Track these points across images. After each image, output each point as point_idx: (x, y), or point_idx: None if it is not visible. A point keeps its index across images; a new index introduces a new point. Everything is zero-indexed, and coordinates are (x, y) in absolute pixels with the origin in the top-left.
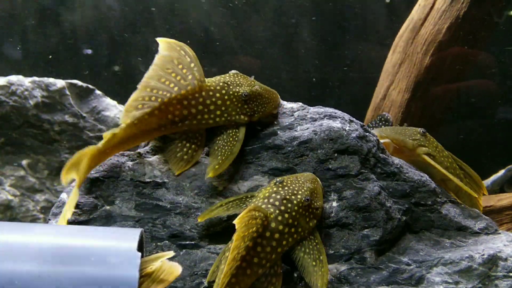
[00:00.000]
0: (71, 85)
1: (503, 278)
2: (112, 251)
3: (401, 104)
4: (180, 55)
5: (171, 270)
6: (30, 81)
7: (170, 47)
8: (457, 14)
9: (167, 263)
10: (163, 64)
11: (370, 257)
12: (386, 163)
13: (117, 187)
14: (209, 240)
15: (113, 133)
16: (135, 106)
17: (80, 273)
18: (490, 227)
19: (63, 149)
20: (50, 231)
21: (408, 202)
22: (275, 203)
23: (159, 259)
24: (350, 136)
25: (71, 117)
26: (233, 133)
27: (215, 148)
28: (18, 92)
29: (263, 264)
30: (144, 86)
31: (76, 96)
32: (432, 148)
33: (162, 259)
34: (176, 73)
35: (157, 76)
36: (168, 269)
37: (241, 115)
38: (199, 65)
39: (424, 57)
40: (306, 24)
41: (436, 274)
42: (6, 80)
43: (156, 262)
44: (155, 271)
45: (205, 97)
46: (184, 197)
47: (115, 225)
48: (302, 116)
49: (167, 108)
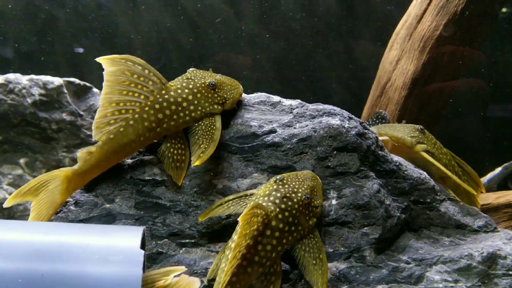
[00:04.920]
0: (69, 83)
1: (502, 276)
2: (116, 249)
3: (398, 101)
4: (128, 67)
5: (189, 286)
6: (27, 79)
7: (114, 62)
8: (455, 10)
9: (186, 278)
10: (115, 79)
11: (369, 255)
12: (385, 161)
13: (117, 185)
14: (209, 239)
15: (89, 151)
16: (106, 122)
17: (84, 271)
18: (489, 225)
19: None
20: (53, 229)
21: (407, 200)
22: (276, 201)
23: (171, 273)
24: (349, 134)
25: (68, 115)
26: (210, 122)
27: (196, 137)
28: (16, 90)
29: (264, 262)
30: (108, 102)
31: (74, 94)
32: (431, 145)
33: (174, 274)
34: (134, 83)
35: (116, 91)
36: (187, 284)
37: (214, 105)
38: (154, 70)
39: (421, 54)
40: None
41: (436, 273)
42: (4, 78)
43: (168, 277)
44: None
45: (175, 96)
46: (184, 195)
47: (115, 223)
48: (301, 114)
49: (141, 116)
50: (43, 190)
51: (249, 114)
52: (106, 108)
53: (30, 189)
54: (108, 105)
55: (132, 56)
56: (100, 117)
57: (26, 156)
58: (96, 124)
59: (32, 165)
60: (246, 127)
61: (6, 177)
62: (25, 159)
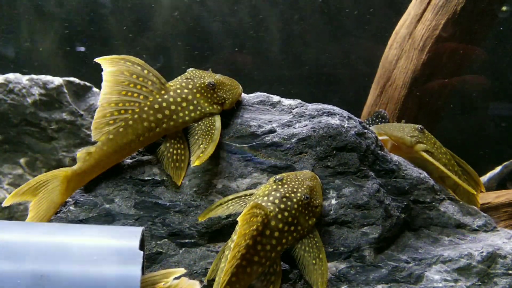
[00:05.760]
0: (68, 82)
1: (502, 275)
2: (115, 250)
3: (398, 100)
4: (128, 67)
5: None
6: (27, 79)
7: (114, 63)
8: (454, 9)
9: (186, 280)
10: (114, 79)
11: (369, 255)
12: (385, 160)
13: (116, 185)
14: (208, 239)
15: (88, 152)
16: (105, 122)
17: (83, 272)
18: (489, 224)
19: (61, 147)
20: (52, 230)
21: (407, 200)
22: (275, 201)
23: (171, 275)
24: (348, 133)
25: (68, 115)
26: (209, 122)
27: (195, 137)
28: (16, 90)
29: (263, 262)
30: (107, 103)
31: (74, 93)
32: (430, 144)
33: (174, 276)
34: (134, 83)
35: (115, 91)
36: (187, 287)
37: (213, 105)
38: (153, 70)
39: (421, 53)
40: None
41: (435, 272)
42: (4, 78)
43: (168, 279)
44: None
45: (175, 96)
46: (183, 195)
47: (114, 223)
48: (301, 113)
49: (141, 116)
50: (42, 190)
51: (249, 114)
52: (105, 108)
53: (29, 189)
54: (107, 105)
55: (131, 57)
56: (99, 117)
57: (26, 156)
58: (95, 124)
59: (32, 164)
60: (245, 127)
61: (6, 176)
62: (25, 159)
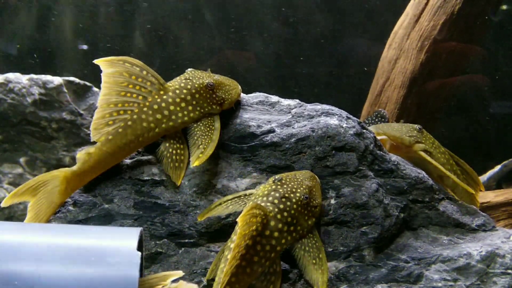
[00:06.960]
0: (68, 82)
1: (501, 275)
2: (112, 251)
3: (397, 100)
4: (126, 68)
5: None
6: (27, 79)
7: (112, 64)
8: (452, 10)
9: (185, 284)
10: (114, 80)
11: (368, 254)
12: (384, 160)
13: (115, 185)
14: (208, 239)
15: (87, 152)
16: (104, 123)
17: (80, 273)
18: (488, 223)
19: (61, 147)
20: (49, 230)
21: (406, 199)
22: (274, 202)
23: (169, 277)
24: (347, 133)
25: (68, 114)
26: (209, 122)
27: (194, 138)
28: (16, 89)
29: (263, 263)
30: (106, 104)
31: (74, 93)
32: (429, 144)
33: (172, 278)
34: (133, 84)
35: (114, 92)
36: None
37: (213, 105)
38: (152, 71)
39: (419, 53)
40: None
41: (435, 272)
42: (4, 78)
43: (166, 281)
44: None
45: (174, 96)
46: (183, 195)
47: (114, 223)
48: (299, 113)
49: (140, 116)
50: (41, 190)
51: (248, 114)
52: (104, 109)
53: (28, 189)
54: (106, 106)
55: (130, 58)
56: (98, 118)
57: (26, 155)
58: (94, 125)
59: (33, 164)
60: (244, 127)
61: (6, 176)
62: (25, 158)
